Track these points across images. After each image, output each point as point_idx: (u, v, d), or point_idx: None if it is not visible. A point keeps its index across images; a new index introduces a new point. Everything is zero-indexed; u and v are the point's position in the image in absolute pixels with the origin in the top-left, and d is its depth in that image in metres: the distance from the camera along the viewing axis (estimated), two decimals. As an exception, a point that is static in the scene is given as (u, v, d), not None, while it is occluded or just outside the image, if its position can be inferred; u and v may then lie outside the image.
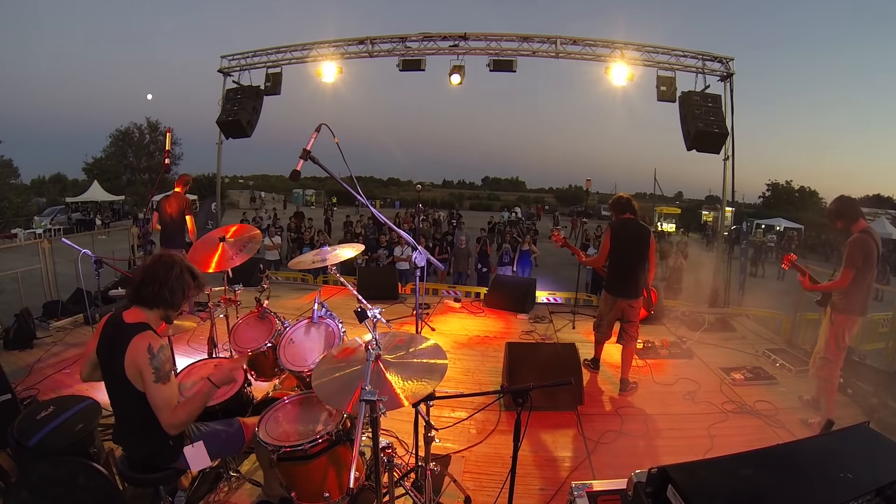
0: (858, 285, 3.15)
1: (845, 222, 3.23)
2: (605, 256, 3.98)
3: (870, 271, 3.14)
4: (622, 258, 3.90)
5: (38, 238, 14.29)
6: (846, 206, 3.25)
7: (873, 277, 3.23)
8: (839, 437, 1.78)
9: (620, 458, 3.04)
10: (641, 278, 3.92)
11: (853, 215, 3.22)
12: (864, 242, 3.10)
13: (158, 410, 1.79)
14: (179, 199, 5.36)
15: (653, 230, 4.26)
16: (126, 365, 1.76)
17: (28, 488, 1.95)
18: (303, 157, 1.93)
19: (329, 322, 2.90)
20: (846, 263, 3.12)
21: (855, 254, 3.09)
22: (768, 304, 6.99)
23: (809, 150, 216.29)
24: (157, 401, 1.78)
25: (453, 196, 53.45)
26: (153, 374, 1.75)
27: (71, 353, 4.30)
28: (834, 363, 3.33)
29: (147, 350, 1.75)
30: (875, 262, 3.15)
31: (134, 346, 1.75)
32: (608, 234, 3.99)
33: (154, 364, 1.75)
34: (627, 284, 3.91)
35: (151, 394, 1.77)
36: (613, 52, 7.59)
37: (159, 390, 1.77)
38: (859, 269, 3.11)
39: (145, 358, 1.74)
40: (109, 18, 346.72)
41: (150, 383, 1.76)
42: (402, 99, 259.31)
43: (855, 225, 3.20)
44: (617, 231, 3.93)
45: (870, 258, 3.10)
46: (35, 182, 34.27)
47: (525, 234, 13.02)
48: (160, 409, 1.78)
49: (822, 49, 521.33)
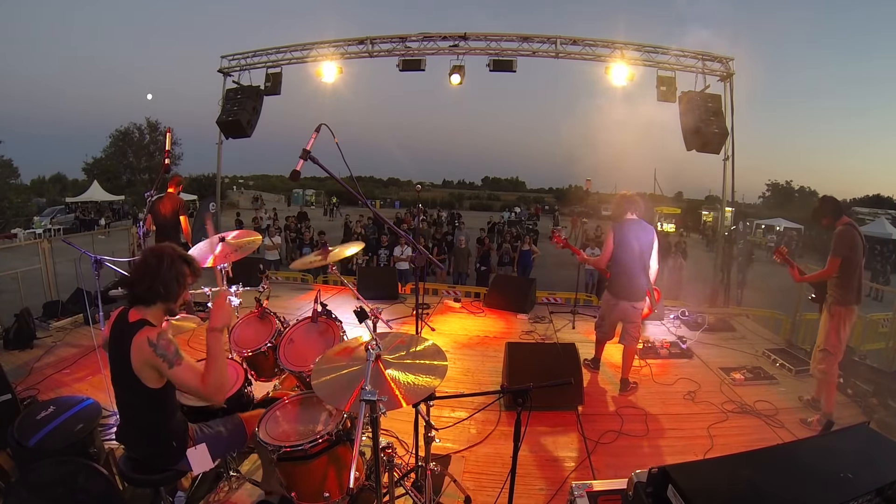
0: (850, 275, 3.35)
1: (830, 219, 3.47)
2: (607, 257, 3.94)
3: (858, 260, 3.36)
4: (625, 259, 3.84)
5: (38, 238, 14.31)
6: (830, 204, 3.52)
7: (862, 267, 3.45)
8: (839, 437, 1.78)
9: (620, 458, 3.05)
10: (644, 280, 3.87)
11: (836, 213, 3.48)
12: (849, 233, 3.33)
13: (190, 390, 1.79)
14: (173, 200, 5.34)
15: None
16: (136, 368, 1.76)
17: (28, 488, 1.95)
18: (303, 157, 1.93)
19: (329, 322, 2.90)
20: (832, 252, 3.35)
21: (840, 244, 3.32)
22: (768, 305, 6.99)
23: (809, 151, 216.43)
24: (183, 382, 1.78)
25: (453, 196, 53.43)
26: (165, 363, 1.75)
27: (71, 353, 4.30)
28: (834, 356, 3.41)
29: (148, 344, 1.75)
30: (861, 253, 3.38)
31: (136, 346, 1.75)
32: (610, 234, 3.94)
33: (159, 353, 1.75)
34: (630, 286, 3.85)
35: (175, 379, 1.78)
36: (613, 52, 7.59)
37: (179, 373, 1.77)
38: (846, 259, 3.32)
39: (150, 352, 1.74)
40: (109, 18, 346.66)
41: (166, 371, 1.76)
42: (402, 99, 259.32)
43: (839, 221, 3.43)
44: (619, 231, 3.88)
45: (855, 248, 3.32)
46: (35, 182, 34.28)
47: (525, 234, 13.03)
48: (190, 388, 1.79)
49: (823, 49, 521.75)
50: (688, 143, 7.16)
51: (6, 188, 23.91)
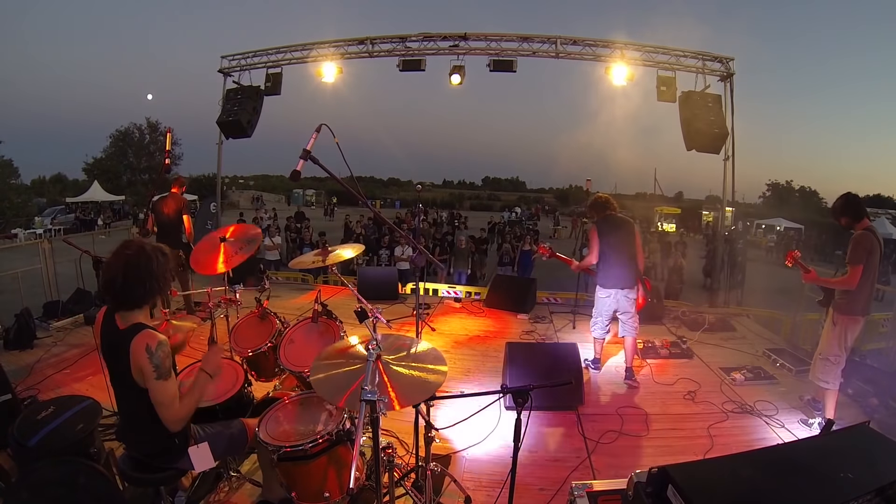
0: (862, 284, 3.10)
1: (849, 220, 3.20)
2: (595, 253, 4.04)
3: (873, 270, 3.12)
4: (611, 251, 3.99)
5: (39, 238, 14.31)
6: (853, 203, 3.23)
7: (875, 276, 3.20)
8: (839, 437, 1.78)
9: (620, 458, 3.05)
10: (633, 268, 4.02)
11: (858, 213, 3.19)
12: (868, 239, 3.08)
13: (160, 406, 1.79)
14: (177, 200, 5.34)
15: (653, 229, 4.26)
16: (132, 369, 1.77)
17: (28, 488, 1.95)
18: (303, 157, 1.93)
19: (329, 322, 2.90)
20: (853, 260, 3.06)
21: (860, 250, 3.06)
22: (768, 305, 6.99)
23: (809, 151, 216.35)
24: (158, 397, 1.78)
25: (453, 196, 53.45)
26: (154, 372, 1.75)
27: (71, 353, 4.30)
28: (835, 365, 3.25)
29: (145, 350, 1.75)
30: (878, 261, 3.13)
31: (135, 348, 1.75)
32: (594, 231, 4.08)
33: (154, 362, 1.75)
34: (621, 274, 3.99)
35: (153, 390, 1.78)
36: (613, 52, 7.58)
37: (161, 387, 1.77)
38: (865, 267, 3.06)
39: (144, 358, 1.75)
40: (109, 18, 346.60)
41: (151, 380, 1.76)
42: (403, 99, 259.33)
43: (859, 223, 3.17)
44: (602, 227, 4.05)
45: (873, 255, 3.07)
46: (35, 182, 34.31)
47: (524, 234, 13.02)
48: (162, 405, 1.79)
49: (824, 50, 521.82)
50: (688, 143, 7.15)
51: (6, 188, 23.89)
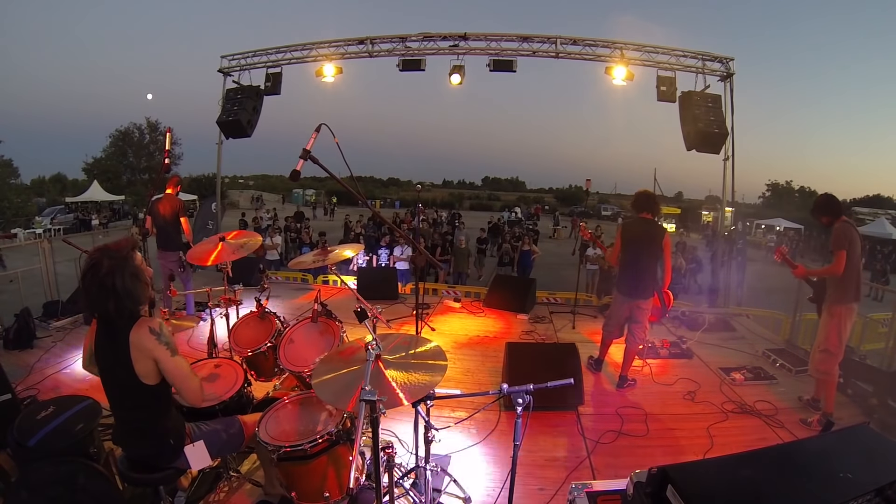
0: (849, 271, 3.32)
1: (830, 218, 3.45)
2: (616, 255, 3.97)
3: (856, 257, 3.35)
4: (632, 258, 3.87)
5: (39, 238, 14.31)
6: (830, 202, 3.51)
7: (860, 264, 3.47)
8: (839, 437, 1.78)
9: (620, 458, 3.05)
10: (651, 279, 3.88)
11: (836, 211, 3.47)
12: (847, 228, 3.34)
13: (182, 381, 1.80)
14: (172, 202, 5.32)
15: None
16: (135, 361, 1.73)
17: (28, 488, 1.95)
18: (303, 157, 1.93)
19: (329, 322, 2.90)
20: (836, 245, 3.29)
21: (841, 237, 3.29)
22: (768, 305, 6.99)
23: (810, 151, 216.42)
24: (177, 372, 1.78)
25: (453, 196, 53.38)
26: (167, 349, 1.75)
27: (71, 353, 4.29)
28: (835, 356, 3.39)
29: (150, 332, 1.73)
30: (860, 249, 3.39)
31: (136, 338, 1.72)
32: (619, 232, 4.00)
33: (163, 340, 1.75)
34: (637, 284, 3.87)
35: (171, 369, 1.77)
36: (613, 52, 7.58)
37: (177, 362, 1.78)
38: (848, 253, 3.28)
39: (152, 340, 1.73)
40: (110, 19, 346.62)
41: (167, 360, 1.75)
42: (403, 99, 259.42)
43: (838, 220, 3.43)
44: (627, 230, 3.94)
45: (854, 243, 3.31)
46: (35, 182, 34.28)
47: (524, 234, 13.03)
48: (184, 378, 1.80)
49: (824, 50, 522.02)
50: (688, 142, 7.15)
51: (6, 188, 23.86)
